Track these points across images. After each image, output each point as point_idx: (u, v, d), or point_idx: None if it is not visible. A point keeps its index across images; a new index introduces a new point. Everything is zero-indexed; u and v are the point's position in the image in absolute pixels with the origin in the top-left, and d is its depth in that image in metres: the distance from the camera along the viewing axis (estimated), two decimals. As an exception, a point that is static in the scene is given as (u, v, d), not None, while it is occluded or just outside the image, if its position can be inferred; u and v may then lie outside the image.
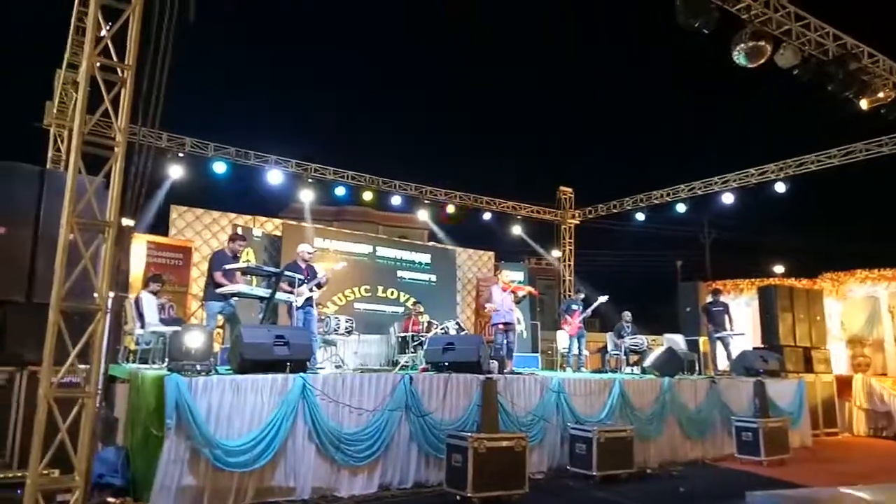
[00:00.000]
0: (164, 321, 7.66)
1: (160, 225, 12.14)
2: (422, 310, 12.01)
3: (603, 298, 10.94)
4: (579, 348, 11.09)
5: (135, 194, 5.10)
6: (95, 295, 4.06)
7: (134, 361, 7.09)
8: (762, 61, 8.19)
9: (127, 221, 5.87)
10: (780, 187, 13.60)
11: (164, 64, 4.53)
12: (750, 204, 15.15)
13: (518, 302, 9.53)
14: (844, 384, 12.36)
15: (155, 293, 7.94)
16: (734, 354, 10.87)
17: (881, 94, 9.11)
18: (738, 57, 8.20)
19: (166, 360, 6.23)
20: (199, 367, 5.28)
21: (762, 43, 8.06)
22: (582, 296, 11.47)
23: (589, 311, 11.06)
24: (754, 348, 11.67)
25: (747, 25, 8.06)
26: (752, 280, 15.43)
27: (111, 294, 5.02)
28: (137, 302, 7.49)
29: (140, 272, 10.26)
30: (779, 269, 24.62)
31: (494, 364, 8.01)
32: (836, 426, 11.85)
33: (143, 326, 7.31)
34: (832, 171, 12.91)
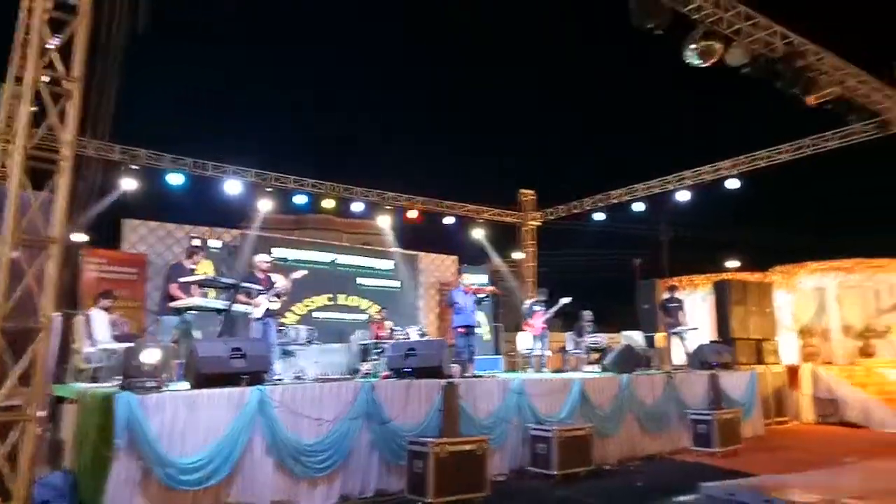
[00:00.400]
0: (116, 338, 7.51)
1: (113, 239, 11.88)
2: (384, 316, 12.01)
3: (566, 300, 11.10)
4: (542, 349, 11.24)
5: (85, 208, 5.01)
6: (40, 313, 3.98)
7: (84, 381, 6.92)
8: (714, 60, 8.43)
9: (78, 237, 5.76)
10: (734, 184, 13.98)
11: (114, 76, 4.48)
12: (705, 201, 15.52)
13: (480, 303, 9.63)
14: (794, 374, 12.80)
15: (106, 309, 7.77)
16: (690, 349, 11.15)
17: (826, 91, 9.46)
18: (691, 56, 8.42)
19: (118, 377, 6.12)
20: (151, 384, 5.20)
21: (713, 42, 8.30)
22: (544, 297, 11.62)
23: (552, 312, 11.22)
24: (709, 342, 11.97)
25: (698, 25, 8.28)
26: (708, 275, 15.83)
27: (57, 312, 4.92)
28: (87, 319, 7.32)
29: (92, 288, 10.03)
30: (733, 263, 25.31)
31: (457, 368, 8.08)
32: (786, 415, 12.24)
33: (93, 344, 7.15)
34: (782, 166, 13.33)
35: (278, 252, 12.93)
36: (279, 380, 7.17)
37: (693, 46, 8.28)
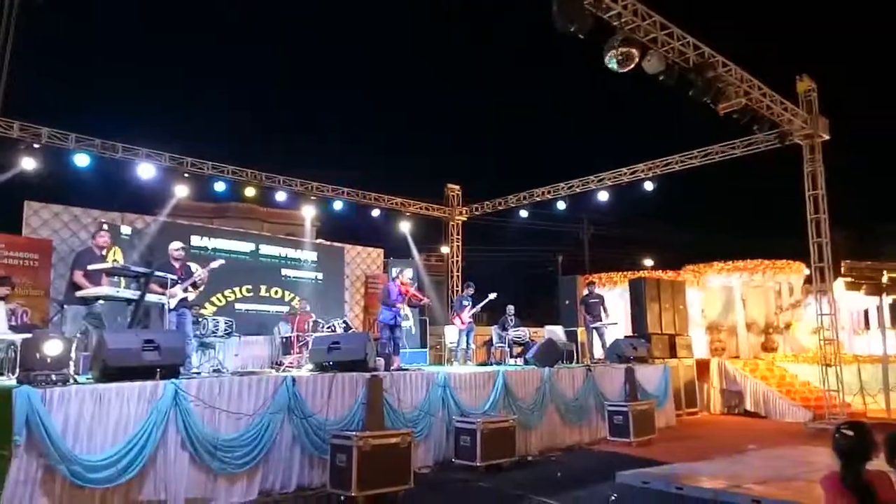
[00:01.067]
0: (14, 328, 6.96)
1: (13, 223, 11.02)
2: (307, 309, 11.75)
3: (492, 295, 11.36)
4: (467, 342, 11.36)
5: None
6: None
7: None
8: (631, 66, 8.69)
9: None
10: (649, 185, 14.54)
11: (6, 48, 4.11)
12: (623, 201, 16.08)
13: (411, 306, 9.63)
14: (703, 367, 13.53)
15: (3, 298, 7.19)
16: (608, 343, 11.55)
17: (733, 101, 9.97)
18: (610, 62, 8.66)
19: (16, 370, 5.66)
20: (54, 377, 4.85)
21: (631, 49, 8.57)
22: (472, 291, 11.73)
23: (479, 307, 11.39)
24: (626, 337, 12.46)
25: (618, 31, 8.53)
26: (625, 273, 16.48)
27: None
28: (-18, 308, 6.75)
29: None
30: (648, 262, 26.47)
31: (381, 362, 8.01)
32: (696, 406, 12.93)
33: (-12, 335, 6.59)
34: (694, 171, 13.99)
35: (197, 241, 12.40)
36: (196, 373, 6.87)
37: (612, 52, 8.52)
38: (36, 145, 11.15)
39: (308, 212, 15.32)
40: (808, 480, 5.94)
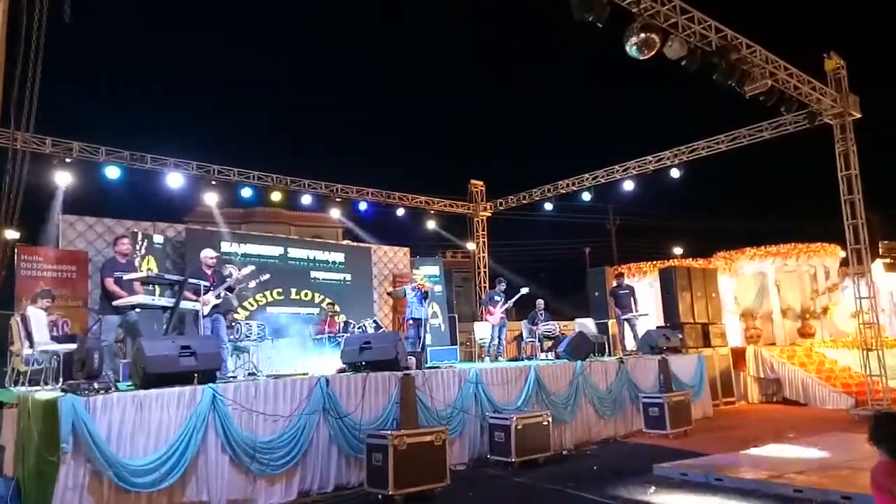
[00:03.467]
0: (56, 339, 7.16)
1: (51, 236, 11.33)
2: (338, 310, 11.85)
3: (524, 290, 11.42)
4: (500, 338, 11.36)
5: (13, 203, 4.74)
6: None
7: (23, 384, 6.58)
8: (653, 53, 8.57)
9: (9, 233, 5.45)
10: (675, 173, 14.33)
11: (37, 65, 4.21)
12: (650, 190, 15.90)
13: (425, 298, 9.68)
14: (739, 355, 13.29)
15: (45, 309, 7.40)
16: (640, 334, 11.43)
17: (759, 83, 9.77)
18: (631, 49, 8.56)
19: (60, 379, 5.83)
20: (96, 386, 4.98)
21: (652, 35, 8.44)
22: (503, 287, 11.73)
23: (511, 302, 11.41)
24: (657, 327, 12.30)
25: (637, 19, 8.42)
26: (654, 262, 16.25)
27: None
28: (24, 320, 6.95)
29: (29, 287, 9.55)
30: (678, 250, 26.11)
31: (412, 360, 8.04)
32: (733, 395, 12.71)
33: (32, 346, 6.79)
34: (721, 155, 13.74)
35: (227, 247, 12.59)
36: (233, 377, 6.98)
37: (633, 39, 8.41)
38: (68, 159, 11.46)
39: (334, 213, 15.45)
40: (853, 469, 5.84)
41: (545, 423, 7.53)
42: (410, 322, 9.24)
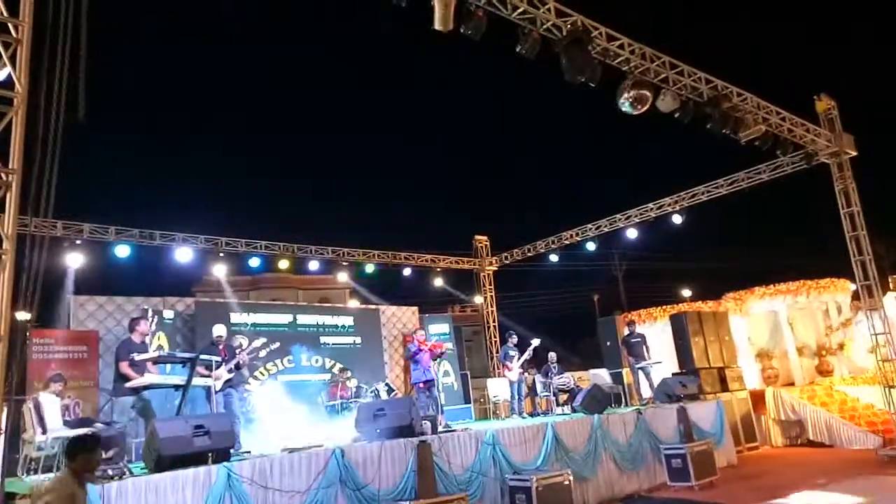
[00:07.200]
0: (68, 423, 7.12)
1: (60, 318, 11.41)
2: (349, 375, 11.77)
3: (535, 342, 11.34)
4: (518, 394, 11.24)
5: (29, 289, 4.82)
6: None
7: (36, 472, 6.50)
8: (646, 108, 8.78)
9: (23, 316, 5.51)
10: (677, 219, 14.42)
11: (54, 161, 4.36)
12: (654, 235, 15.95)
13: (438, 357, 9.61)
14: (758, 398, 13.01)
15: (57, 393, 7.38)
16: (656, 383, 11.26)
17: (753, 129, 9.96)
18: (624, 105, 8.77)
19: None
20: (110, 472, 4.93)
21: (644, 91, 8.66)
22: (515, 341, 11.66)
23: (526, 356, 11.34)
24: (673, 374, 12.11)
25: (628, 76, 8.67)
26: (664, 307, 16.14)
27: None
28: (37, 405, 6.92)
29: (40, 370, 9.54)
30: (686, 292, 25.99)
31: (427, 425, 7.93)
32: (755, 440, 12.36)
33: (44, 432, 6.75)
34: (722, 199, 13.85)
35: (237, 318, 12.63)
36: (247, 453, 6.89)
37: (626, 96, 8.62)
38: (78, 241, 11.63)
39: (341, 277, 15.54)
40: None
41: (566, 482, 7.35)
42: (421, 385, 9.15)
